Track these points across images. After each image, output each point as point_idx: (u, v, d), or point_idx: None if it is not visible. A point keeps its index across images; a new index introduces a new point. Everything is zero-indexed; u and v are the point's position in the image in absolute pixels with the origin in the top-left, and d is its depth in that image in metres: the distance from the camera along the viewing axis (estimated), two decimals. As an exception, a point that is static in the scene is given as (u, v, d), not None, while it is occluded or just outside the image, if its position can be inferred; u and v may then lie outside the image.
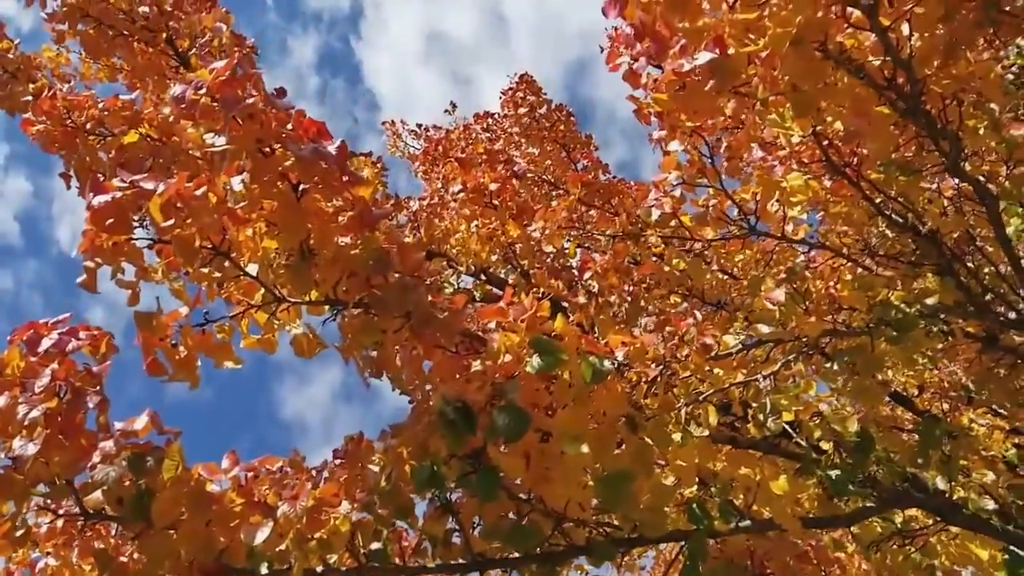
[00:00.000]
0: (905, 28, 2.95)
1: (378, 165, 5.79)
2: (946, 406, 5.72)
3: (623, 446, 2.43)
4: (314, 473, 3.64)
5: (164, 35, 4.13)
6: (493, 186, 4.21)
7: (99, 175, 4.08)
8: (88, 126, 3.77)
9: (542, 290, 2.59)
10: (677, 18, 2.07)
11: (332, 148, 2.51)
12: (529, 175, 6.74)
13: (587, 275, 4.10)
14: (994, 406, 4.97)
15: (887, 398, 5.56)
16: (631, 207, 5.39)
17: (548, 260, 4.10)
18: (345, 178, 2.51)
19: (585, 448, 2.32)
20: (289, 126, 2.59)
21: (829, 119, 3.10)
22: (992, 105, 3.50)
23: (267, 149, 2.48)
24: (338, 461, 3.45)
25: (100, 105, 3.89)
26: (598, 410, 2.42)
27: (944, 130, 3.22)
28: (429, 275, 4.49)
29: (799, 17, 2.09)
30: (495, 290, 4.74)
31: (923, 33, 2.97)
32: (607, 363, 2.40)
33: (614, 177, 7.30)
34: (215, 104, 2.46)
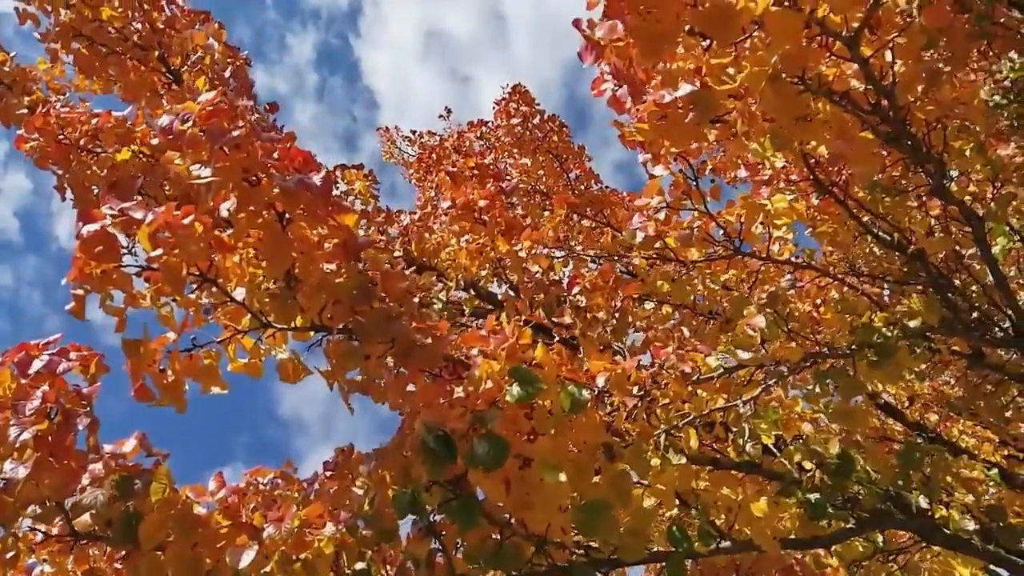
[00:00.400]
0: (888, 55, 2.97)
1: (369, 178, 5.83)
2: (936, 417, 5.75)
3: (601, 474, 2.47)
4: (305, 486, 3.70)
5: (156, 53, 4.16)
6: (482, 202, 4.25)
7: (93, 188, 4.12)
8: (82, 142, 3.80)
9: (524, 317, 2.63)
10: (651, 63, 2.10)
11: (318, 178, 2.55)
12: (521, 185, 6.78)
13: (575, 290, 4.14)
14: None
15: (877, 409, 5.58)
16: (623, 218, 5.42)
17: (537, 275, 4.14)
18: (330, 208, 2.56)
19: (563, 476, 2.37)
20: (276, 155, 2.63)
21: (813, 143, 3.13)
22: (977, 128, 3.52)
23: (253, 179, 2.52)
24: (328, 473, 3.51)
25: (94, 121, 3.92)
26: (577, 439, 2.46)
27: (928, 155, 3.24)
28: (419, 289, 4.53)
29: (775, 57, 2.12)
30: (485, 304, 4.78)
31: (906, 60, 2.99)
32: (586, 392, 2.44)
33: (605, 187, 7.35)
34: (202, 134, 2.50)
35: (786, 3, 2.15)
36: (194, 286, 2.67)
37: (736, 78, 2.19)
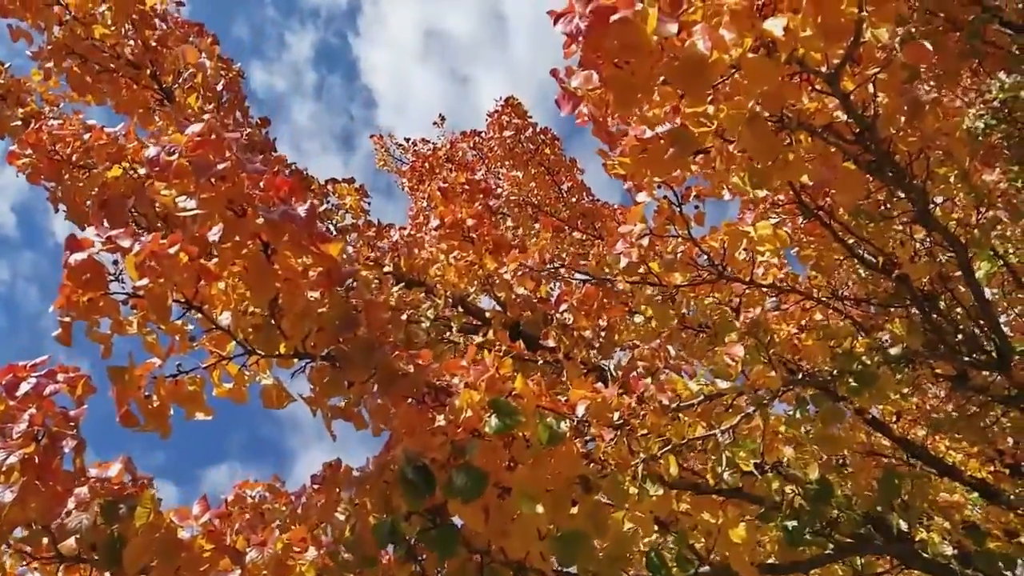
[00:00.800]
0: (869, 87, 3.00)
1: (360, 192, 5.86)
2: (923, 432, 5.79)
3: (578, 505, 2.51)
4: (293, 499, 3.74)
5: (148, 71, 4.18)
6: (470, 221, 4.29)
7: (86, 202, 4.15)
8: (74, 158, 3.83)
9: (505, 347, 2.67)
10: (626, 112, 2.13)
11: (302, 209, 2.58)
12: (512, 198, 6.82)
13: (563, 307, 4.17)
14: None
15: (864, 424, 5.62)
16: (613, 231, 5.43)
17: (524, 294, 4.18)
18: (314, 238, 2.59)
19: (540, 508, 2.40)
20: (262, 184, 2.66)
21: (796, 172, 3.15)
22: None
23: (239, 209, 2.55)
24: (316, 487, 3.55)
25: (86, 136, 3.95)
26: (555, 469, 2.50)
27: (911, 184, 3.27)
28: (407, 306, 4.56)
29: (752, 101, 2.14)
30: (473, 320, 4.82)
31: (888, 93, 3.01)
32: (564, 425, 2.48)
33: (596, 200, 7.39)
34: (188, 165, 2.53)
35: (764, 48, 2.17)
36: (180, 312, 2.71)
37: (713, 121, 2.22)
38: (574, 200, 7.33)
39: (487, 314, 4.48)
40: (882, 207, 3.74)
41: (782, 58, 2.14)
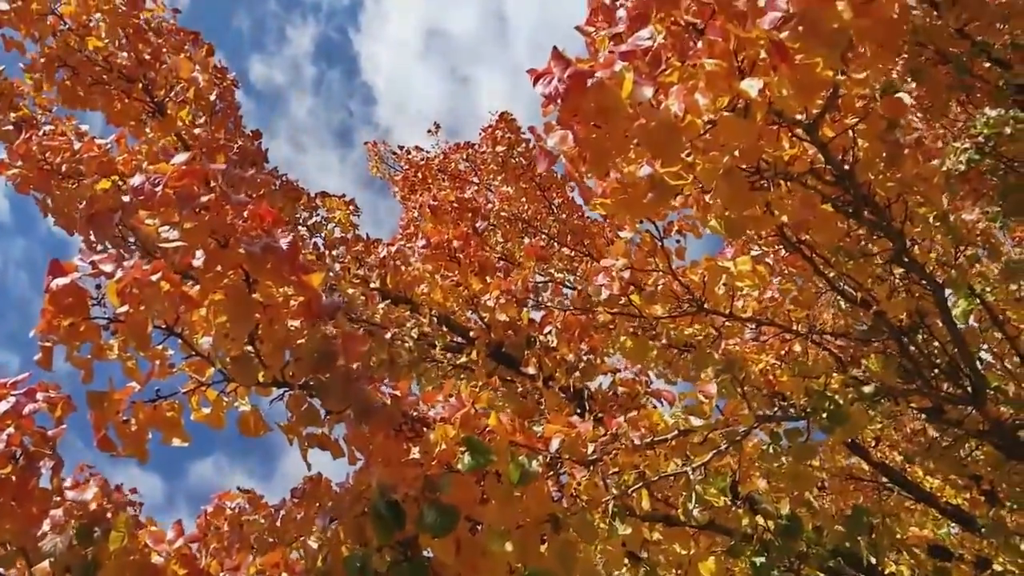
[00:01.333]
0: (849, 133, 3.04)
1: (350, 206, 5.90)
2: (900, 457, 5.85)
3: (548, 543, 2.55)
4: (272, 511, 3.77)
5: (141, 84, 4.19)
6: (456, 243, 4.33)
7: (76, 212, 4.16)
8: (64, 168, 3.84)
9: (481, 383, 2.70)
10: (600, 172, 2.16)
11: (285, 241, 2.60)
12: (503, 214, 6.87)
13: (548, 329, 4.21)
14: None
15: (844, 447, 5.68)
16: (602, 247, 5.48)
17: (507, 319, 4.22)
18: (296, 269, 2.62)
19: (509, 546, 2.45)
20: (245, 214, 2.68)
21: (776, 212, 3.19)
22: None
23: (221, 239, 2.58)
24: (296, 500, 3.58)
25: (77, 145, 3.97)
26: (526, 507, 2.54)
27: (889, 227, 3.32)
28: (393, 323, 4.60)
29: (727, 157, 2.18)
30: (456, 338, 4.85)
31: (868, 139, 3.06)
32: (535, 464, 2.52)
33: (586, 217, 7.44)
34: (173, 196, 2.55)
35: (741, 103, 2.21)
36: (161, 338, 2.73)
37: (690, 174, 2.26)
38: (564, 216, 7.38)
39: (471, 333, 4.52)
40: (862, 244, 3.79)
41: (758, 117, 2.18)
